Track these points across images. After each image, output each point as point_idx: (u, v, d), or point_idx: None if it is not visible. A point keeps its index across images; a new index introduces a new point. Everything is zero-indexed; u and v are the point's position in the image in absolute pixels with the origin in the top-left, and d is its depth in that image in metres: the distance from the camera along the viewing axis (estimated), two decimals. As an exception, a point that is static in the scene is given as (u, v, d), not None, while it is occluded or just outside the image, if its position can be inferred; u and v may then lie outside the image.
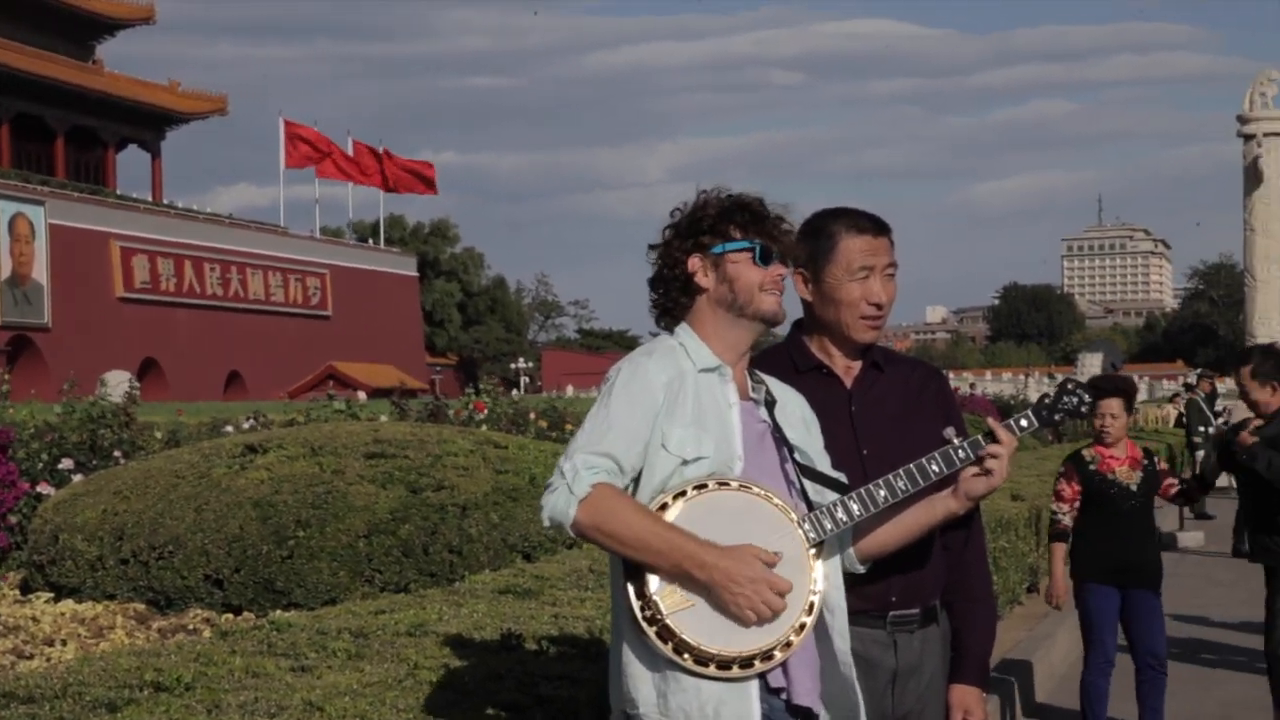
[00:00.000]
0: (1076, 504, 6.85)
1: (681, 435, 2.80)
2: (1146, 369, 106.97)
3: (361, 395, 18.34)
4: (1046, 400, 3.11)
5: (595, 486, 2.69)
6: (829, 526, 2.86)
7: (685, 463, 2.79)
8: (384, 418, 14.01)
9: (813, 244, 3.21)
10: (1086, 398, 3.11)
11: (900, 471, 2.94)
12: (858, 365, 3.31)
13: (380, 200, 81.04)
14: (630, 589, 2.71)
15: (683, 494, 2.75)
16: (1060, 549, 6.89)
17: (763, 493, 2.80)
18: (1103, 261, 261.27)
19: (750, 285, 2.90)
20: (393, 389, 16.78)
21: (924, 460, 2.95)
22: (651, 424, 2.79)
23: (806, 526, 2.83)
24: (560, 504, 2.69)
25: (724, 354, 2.92)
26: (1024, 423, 3.04)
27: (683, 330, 2.95)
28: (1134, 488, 6.88)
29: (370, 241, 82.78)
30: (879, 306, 3.24)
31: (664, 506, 2.74)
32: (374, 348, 73.54)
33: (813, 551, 2.82)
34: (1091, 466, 6.87)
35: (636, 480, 2.82)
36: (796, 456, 2.94)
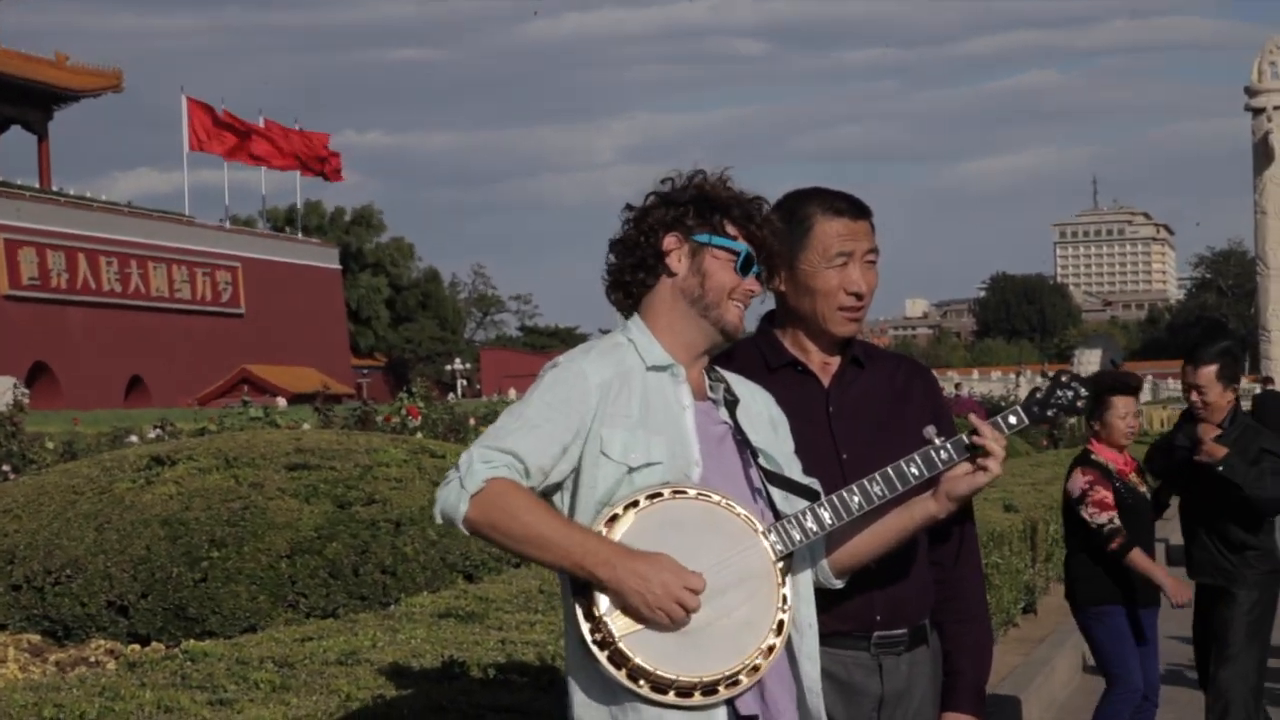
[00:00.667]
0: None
1: (626, 440, 2.82)
2: (1149, 366, 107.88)
3: (280, 401, 18.25)
4: (1038, 395, 3.13)
5: (490, 481, 2.71)
6: (798, 537, 2.87)
7: (632, 470, 2.80)
8: (306, 425, 13.95)
9: (785, 229, 3.21)
10: (1083, 392, 3.12)
11: (876, 476, 2.95)
12: (836, 361, 3.32)
13: (297, 186, 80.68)
14: (578, 609, 2.72)
15: (634, 504, 2.76)
16: (1139, 553, 6.77)
17: (723, 501, 2.82)
18: (1099, 249, 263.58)
19: (723, 288, 2.92)
20: (315, 394, 16.72)
21: (902, 463, 2.97)
22: (575, 428, 2.80)
23: (773, 538, 2.84)
24: (451, 498, 2.73)
25: (677, 353, 2.93)
26: (1012, 419, 3.04)
27: (633, 325, 2.96)
28: (1149, 496, 6.92)
29: (287, 231, 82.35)
30: (859, 296, 3.24)
31: (613, 519, 2.74)
32: (293, 348, 73.15)
33: (780, 565, 2.84)
34: (1111, 471, 6.84)
35: (575, 493, 2.83)
36: (761, 461, 2.95)
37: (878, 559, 3.10)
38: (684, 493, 2.80)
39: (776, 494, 2.95)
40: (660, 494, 2.78)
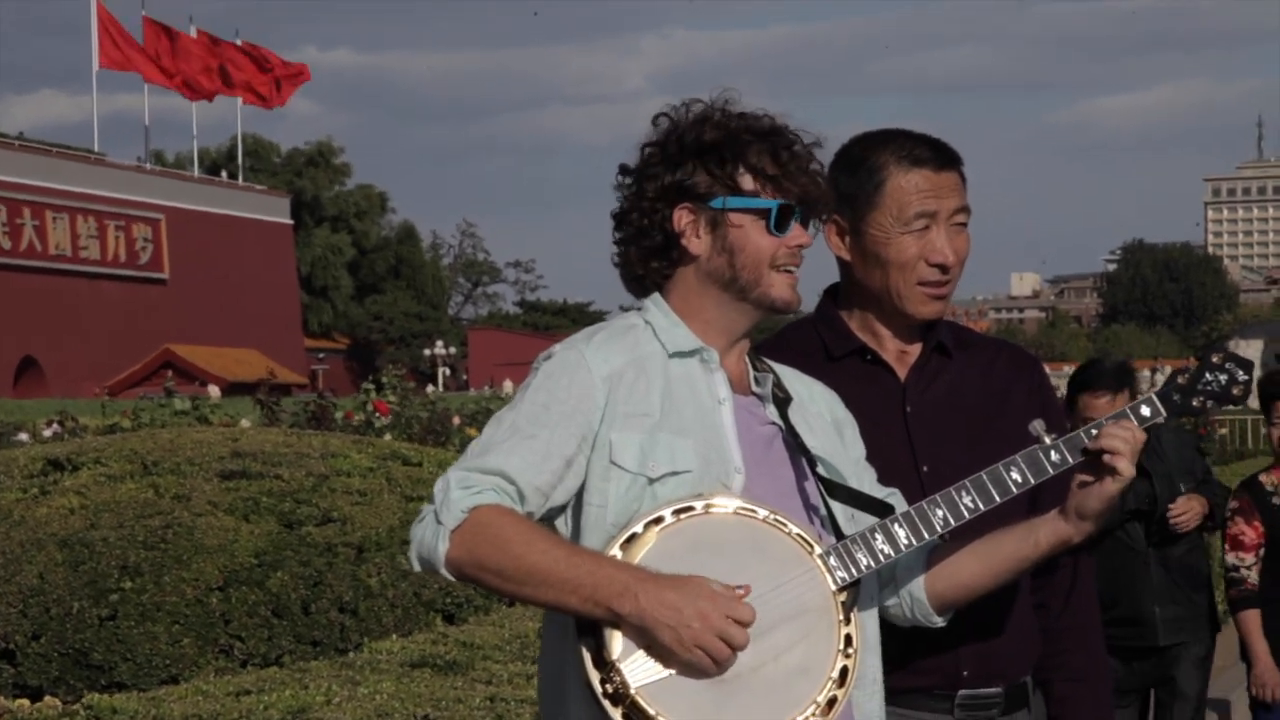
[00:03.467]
0: (1260, 552, 6.78)
1: (644, 444, 2.83)
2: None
3: (213, 391, 18.33)
4: (1181, 380, 3.09)
5: (472, 511, 2.72)
6: (865, 562, 2.88)
7: (653, 482, 2.82)
8: (246, 422, 14.01)
9: (850, 182, 3.24)
10: (1240, 376, 3.07)
11: (967, 483, 2.95)
12: (916, 349, 3.34)
13: (238, 116, 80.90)
14: (585, 654, 2.72)
15: (658, 521, 2.77)
16: (1254, 618, 6.79)
17: (771, 516, 2.83)
18: (1264, 211, 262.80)
19: (760, 259, 2.92)
20: (257, 383, 16.78)
21: (1000, 467, 2.96)
22: (579, 434, 2.82)
23: (833, 562, 2.85)
24: (428, 538, 2.73)
25: (709, 337, 2.96)
26: (1145, 410, 3.02)
27: (652, 304, 2.97)
28: None
29: (224, 175, 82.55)
30: (944, 268, 3.26)
31: (631, 539, 2.76)
32: (229, 325, 73.40)
33: (843, 598, 2.84)
34: (1275, 500, 6.80)
35: (580, 514, 2.85)
36: (821, 471, 2.97)
37: (986, 593, 3.10)
38: (721, 506, 2.81)
39: (840, 512, 2.95)
40: (691, 508, 2.79)
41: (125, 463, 8.49)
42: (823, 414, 3.07)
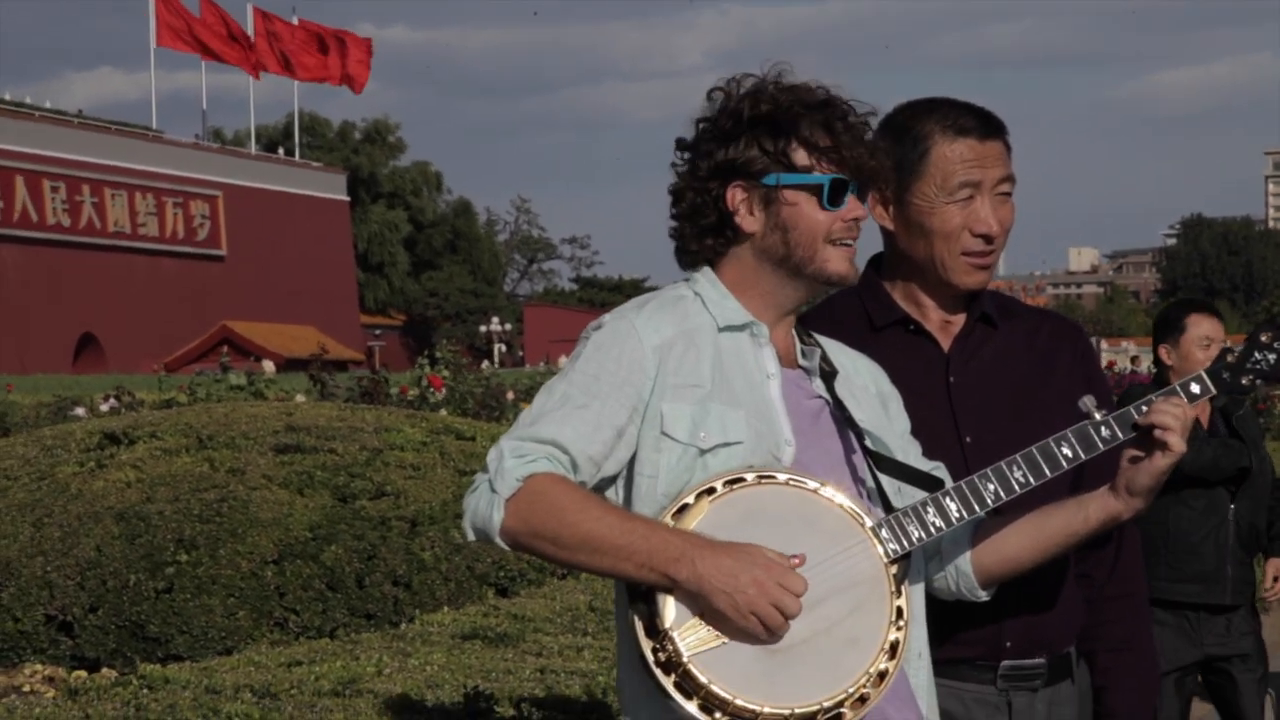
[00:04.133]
0: None
1: (696, 415, 2.85)
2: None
3: (268, 366, 18.39)
4: (1230, 358, 3.10)
5: (527, 480, 2.74)
6: (916, 535, 2.89)
7: (704, 453, 2.83)
8: (300, 397, 14.07)
9: (894, 150, 3.22)
10: None
11: (1018, 458, 2.96)
12: (960, 320, 3.34)
13: (294, 94, 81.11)
14: (637, 622, 2.74)
15: (709, 491, 2.79)
16: None
17: (824, 489, 2.84)
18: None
19: (814, 235, 2.93)
20: (312, 358, 16.85)
21: (1051, 442, 2.97)
22: (630, 405, 2.84)
23: (885, 534, 2.86)
24: (482, 507, 2.75)
25: (760, 311, 2.97)
26: (1195, 388, 3.03)
27: (704, 277, 2.99)
28: None
29: (280, 152, 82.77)
30: (989, 239, 3.26)
31: (683, 509, 2.78)
32: (287, 302, 73.64)
33: (894, 570, 2.86)
34: None
35: (630, 485, 2.87)
36: (869, 443, 2.98)
37: (1033, 568, 3.11)
38: (772, 478, 2.82)
39: (888, 484, 2.97)
40: (743, 479, 2.80)
41: (181, 437, 8.54)
42: (868, 387, 3.09)
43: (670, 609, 2.72)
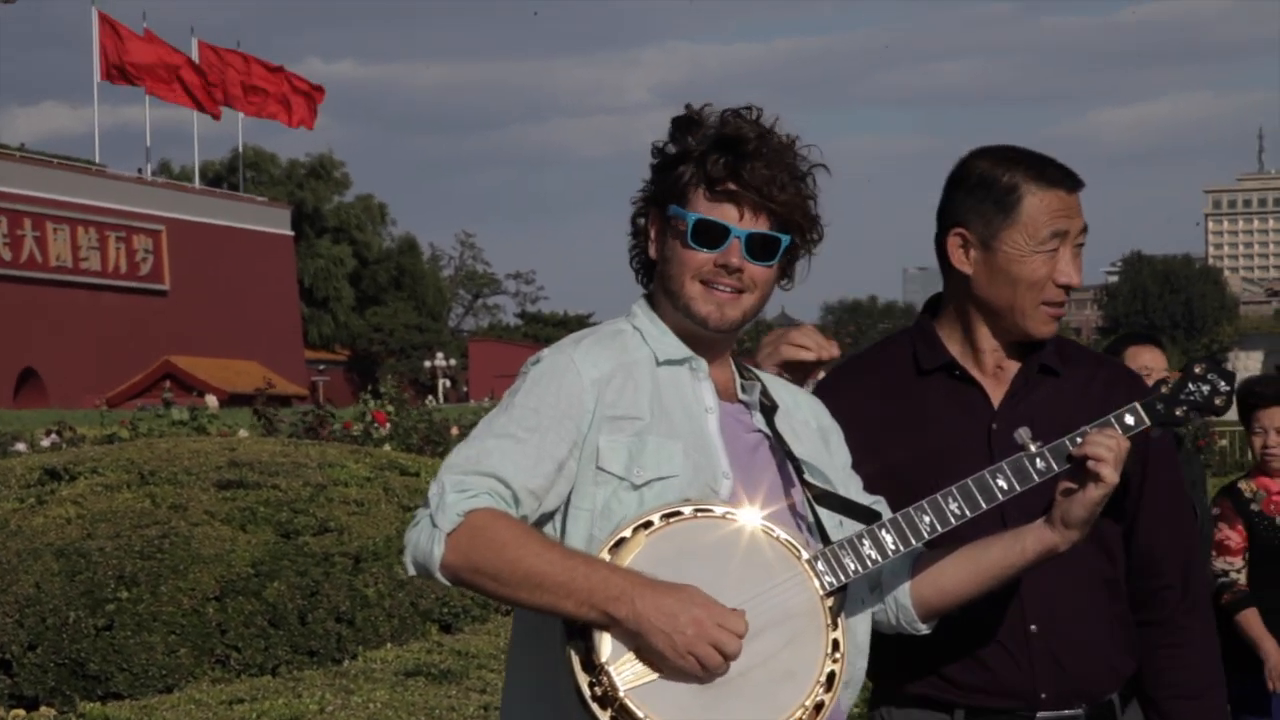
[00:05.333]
0: (1245, 556, 6.90)
1: (632, 448, 2.85)
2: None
3: (211, 401, 18.31)
4: (1165, 389, 3.13)
5: (468, 514, 2.73)
6: (852, 567, 2.89)
7: (638, 487, 2.84)
8: (244, 433, 14.00)
9: (981, 198, 3.26)
10: (1223, 386, 3.12)
11: (954, 489, 2.98)
12: (1014, 367, 3.35)
13: (239, 130, 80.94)
14: (573, 657, 2.73)
15: (646, 524, 2.78)
16: (1254, 615, 6.88)
17: (760, 522, 2.84)
18: (1264, 223, 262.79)
19: (679, 272, 2.94)
20: (256, 393, 16.78)
21: (987, 474, 2.99)
22: (570, 439, 2.84)
23: (820, 566, 2.86)
24: (423, 541, 2.74)
25: (693, 345, 2.98)
26: (1129, 419, 3.06)
27: (641, 311, 3.01)
28: None
29: (224, 187, 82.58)
30: (1068, 289, 3.31)
31: (619, 543, 2.77)
32: (230, 337, 73.38)
33: (830, 603, 2.85)
34: (1254, 507, 6.92)
35: (566, 520, 2.86)
36: (808, 477, 2.98)
37: (971, 601, 3.10)
38: (709, 511, 2.82)
39: (828, 519, 2.97)
40: (679, 512, 2.80)
41: (122, 472, 8.48)
42: (809, 422, 3.10)
43: (606, 644, 2.71)
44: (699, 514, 2.81)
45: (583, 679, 2.72)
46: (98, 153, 73.74)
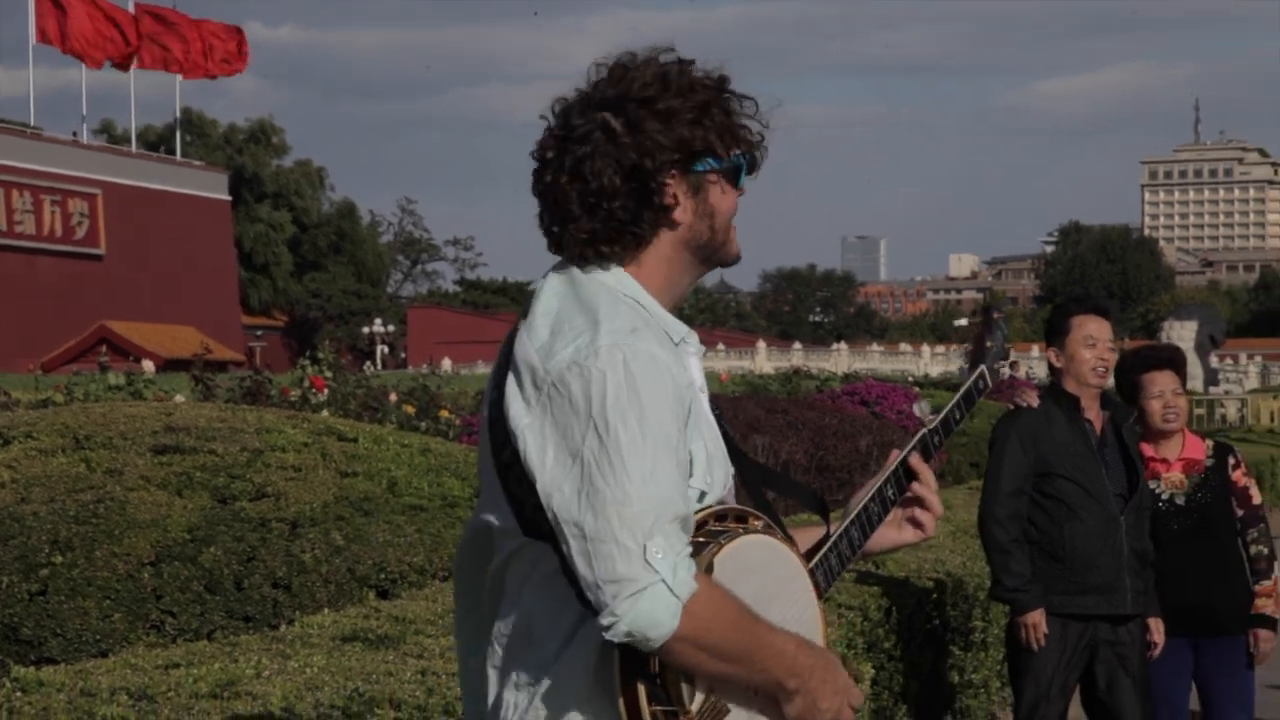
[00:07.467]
0: None
1: (696, 454, 2.75)
2: (1260, 345, 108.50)
3: (148, 366, 18.21)
4: (989, 344, 3.39)
5: (698, 581, 2.59)
6: (837, 569, 2.93)
7: (701, 497, 2.75)
8: (180, 398, 13.92)
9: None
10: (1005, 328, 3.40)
11: (889, 476, 3.05)
12: None
13: (176, 92, 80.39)
14: (643, 697, 2.61)
15: (705, 544, 2.68)
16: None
17: (780, 532, 2.83)
18: (1200, 194, 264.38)
19: (728, 218, 2.86)
20: (193, 359, 16.68)
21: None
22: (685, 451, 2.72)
23: (819, 575, 2.88)
24: (660, 613, 2.55)
25: (674, 312, 2.87)
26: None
27: (621, 279, 2.81)
28: (1181, 500, 7.07)
29: (162, 150, 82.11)
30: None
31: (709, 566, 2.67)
32: (166, 302, 73.05)
33: (822, 607, 2.87)
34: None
35: None
36: (739, 448, 2.93)
37: None
38: (747, 523, 2.78)
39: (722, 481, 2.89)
40: (728, 530, 2.74)
41: (57, 437, 8.43)
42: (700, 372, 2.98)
43: (697, 696, 2.65)
44: (744, 528, 2.75)
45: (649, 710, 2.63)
46: (33, 115, 73.19)
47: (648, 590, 2.53)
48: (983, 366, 3.23)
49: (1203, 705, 7.27)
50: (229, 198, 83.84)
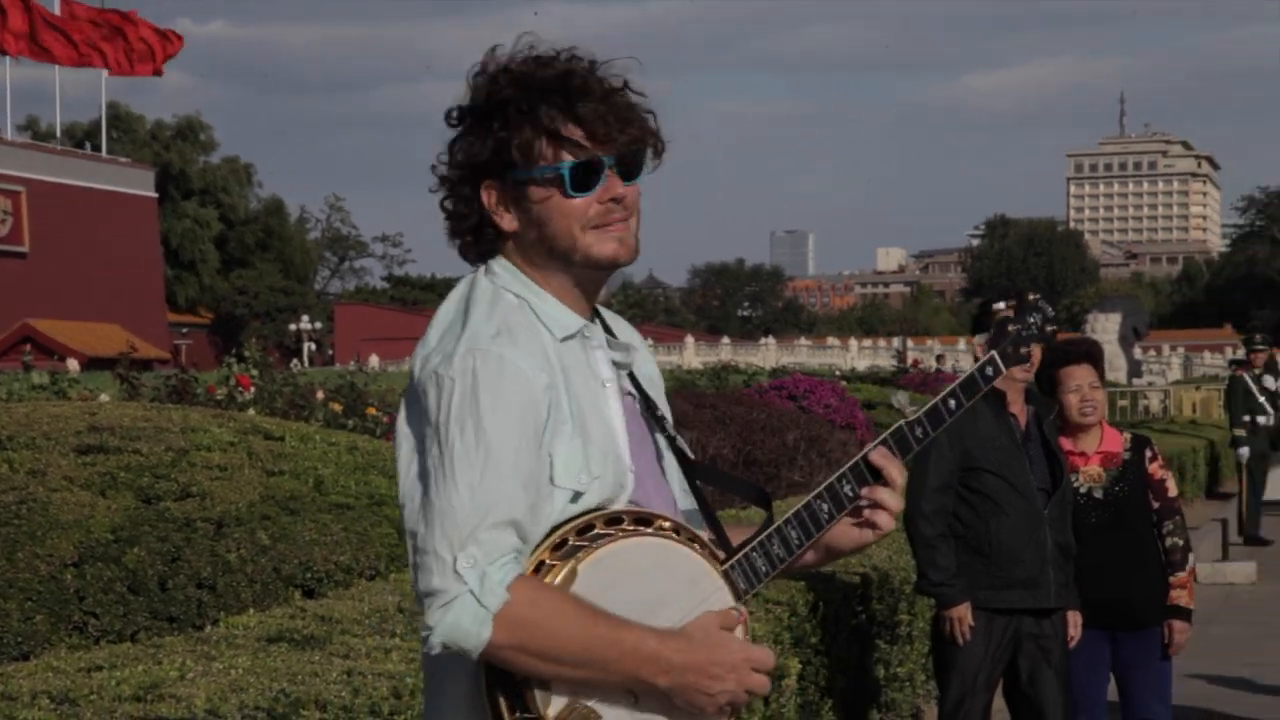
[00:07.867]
0: None
1: (568, 454, 2.67)
2: (1183, 336, 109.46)
3: (72, 365, 18.09)
4: (1011, 329, 3.15)
5: (514, 588, 2.54)
6: (763, 569, 2.80)
7: (575, 498, 2.67)
8: (105, 397, 13.84)
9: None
10: (1050, 312, 3.22)
11: (846, 471, 2.88)
12: None
13: (102, 88, 79.83)
14: (502, 706, 2.60)
15: (580, 548, 2.63)
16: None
17: (684, 533, 2.73)
18: (1125, 187, 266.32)
19: (568, 226, 2.73)
20: (118, 357, 16.58)
21: (860, 459, 2.89)
22: (539, 456, 2.64)
23: (736, 574, 2.78)
24: (466, 624, 2.52)
25: (576, 306, 2.79)
26: (990, 370, 3.05)
27: (506, 271, 2.77)
28: (1099, 494, 7.14)
29: (88, 147, 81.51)
30: None
31: (539, 568, 2.62)
32: (91, 300, 72.53)
33: (739, 611, 2.76)
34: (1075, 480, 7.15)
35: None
36: (681, 445, 2.88)
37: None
38: (640, 526, 2.69)
39: (681, 484, 2.87)
40: (606, 532, 2.67)
41: (-22, 437, 8.35)
42: (652, 375, 2.96)
43: (554, 703, 2.61)
44: (626, 531, 2.67)
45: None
46: (-45, 112, 72.45)
47: (455, 601, 2.53)
48: (993, 352, 3.05)
49: (1121, 697, 7.33)
50: (155, 194, 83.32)
